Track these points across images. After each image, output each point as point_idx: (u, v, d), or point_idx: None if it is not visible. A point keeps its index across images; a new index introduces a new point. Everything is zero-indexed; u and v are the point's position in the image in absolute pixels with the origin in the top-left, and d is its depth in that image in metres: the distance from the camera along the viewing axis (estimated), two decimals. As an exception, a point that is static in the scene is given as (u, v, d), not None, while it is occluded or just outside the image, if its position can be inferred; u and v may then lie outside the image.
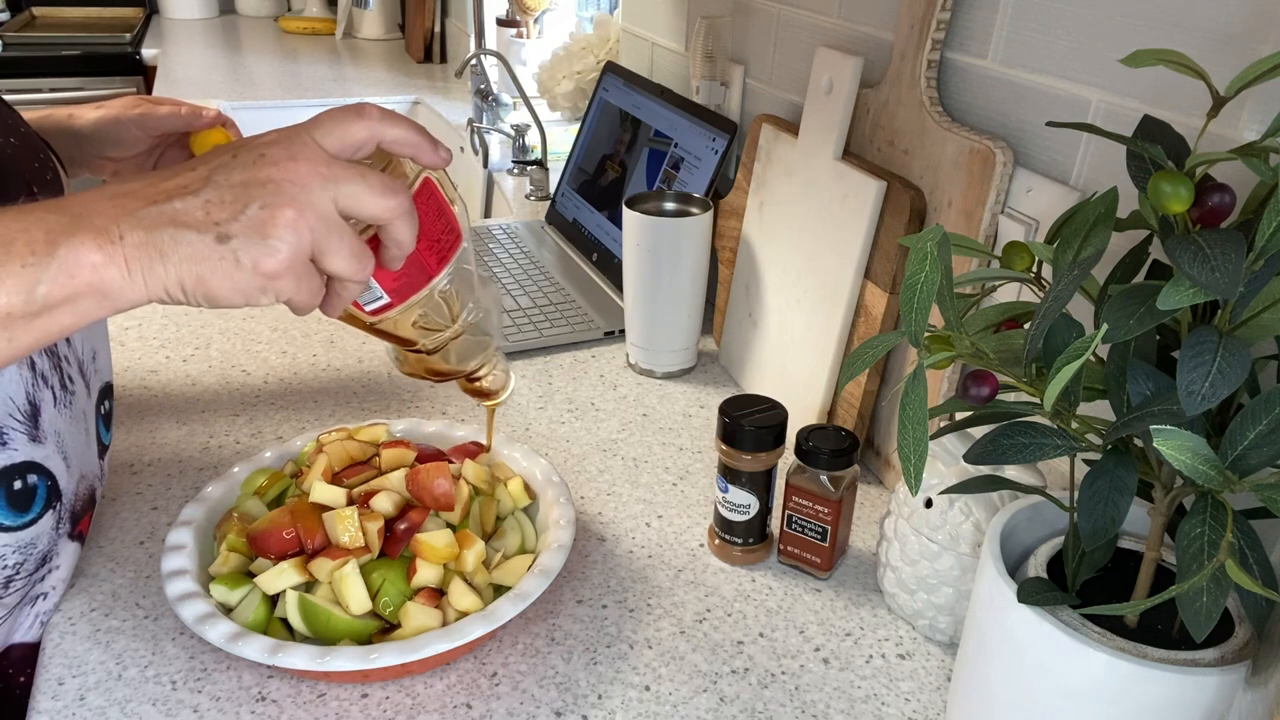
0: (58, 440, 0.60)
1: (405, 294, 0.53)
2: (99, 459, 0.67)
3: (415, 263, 0.52)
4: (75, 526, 0.63)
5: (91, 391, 0.65)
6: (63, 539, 0.62)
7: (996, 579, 0.47)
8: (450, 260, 0.55)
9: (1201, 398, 0.37)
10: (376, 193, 0.46)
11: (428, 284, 0.54)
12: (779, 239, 0.87)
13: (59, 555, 0.62)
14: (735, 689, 0.60)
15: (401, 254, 0.49)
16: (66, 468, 0.61)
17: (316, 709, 0.57)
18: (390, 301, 0.53)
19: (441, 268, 0.54)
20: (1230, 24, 0.51)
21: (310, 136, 0.46)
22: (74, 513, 0.63)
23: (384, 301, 0.53)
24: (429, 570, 0.59)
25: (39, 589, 0.61)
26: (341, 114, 0.47)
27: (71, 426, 0.61)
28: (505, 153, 1.69)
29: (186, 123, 0.77)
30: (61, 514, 0.61)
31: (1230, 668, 0.43)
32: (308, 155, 0.45)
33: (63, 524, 0.61)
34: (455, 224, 0.55)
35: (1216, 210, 0.40)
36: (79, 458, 0.63)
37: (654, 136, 1.13)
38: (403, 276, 0.52)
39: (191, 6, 3.01)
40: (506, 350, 0.99)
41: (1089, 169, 0.62)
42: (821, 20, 0.88)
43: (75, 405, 0.62)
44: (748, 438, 0.66)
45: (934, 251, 0.43)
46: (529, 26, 1.90)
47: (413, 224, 0.48)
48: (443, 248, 0.54)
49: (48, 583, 0.62)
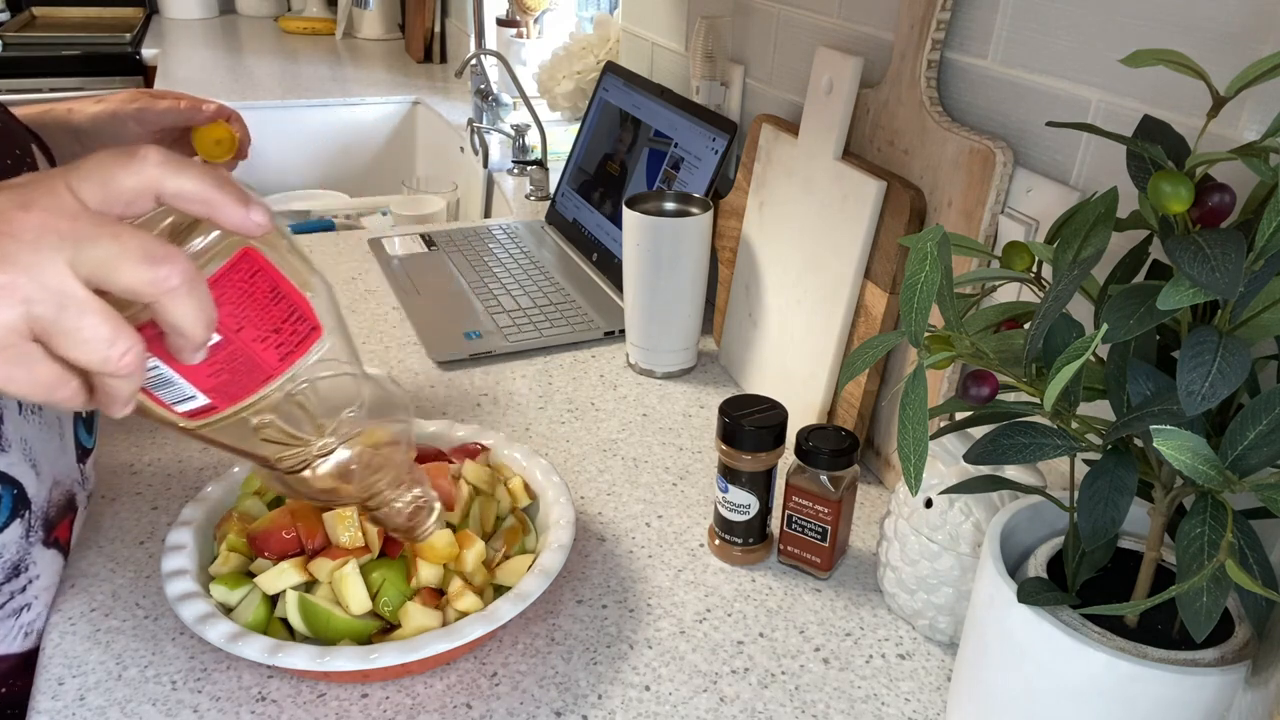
0: (24, 448, 0.58)
1: (232, 396, 0.43)
2: (78, 463, 0.66)
3: (242, 357, 0.42)
4: (50, 533, 0.62)
5: None
6: (35, 547, 0.60)
7: (996, 579, 0.47)
8: (300, 356, 0.44)
9: (1201, 398, 0.37)
10: (135, 259, 0.36)
11: (264, 385, 0.43)
12: (779, 239, 0.87)
13: (35, 564, 0.61)
14: (735, 689, 0.60)
15: (189, 345, 0.38)
16: (36, 475, 0.59)
17: (316, 709, 0.57)
18: (211, 404, 0.43)
19: (286, 366, 0.43)
20: (1230, 24, 0.51)
21: (65, 183, 0.37)
22: (47, 520, 0.61)
23: (201, 403, 0.42)
24: (429, 570, 0.59)
25: (20, 600, 0.60)
26: (109, 157, 0.38)
27: (41, 433, 0.60)
28: (505, 153, 1.69)
29: (186, 117, 0.76)
30: (32, 522, 0.60)
31: (1230, 668, 0.43)
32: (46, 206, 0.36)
33: (34, 532, 0.60)
34: (306, 310, 0.44)
35: (1216, 210, 0.40)
36: (51, 464, 0.61)
37: (654, 136, 1.13)
38: (223, 374, 0.42)
39: (191, 6, 3.01)
40: (507, 351, 0.99)
41: (1089, 169, 0.62)
42: (821, 20, 0.88)
43: (46, 411, 0.61)
44: (748, 438, 0.66)
45: (934, 251, 0.43)
46: (529, 26, 1.90)
47: (196, 305, 0.37)
48: (286, 340, 0.43)
49: (29, 593, 0.61)
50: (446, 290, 1.12)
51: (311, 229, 1.75)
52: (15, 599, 0.60)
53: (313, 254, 1.22)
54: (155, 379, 0.41)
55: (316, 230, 1.64)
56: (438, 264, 1.19)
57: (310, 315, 0.44)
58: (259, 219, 0.40)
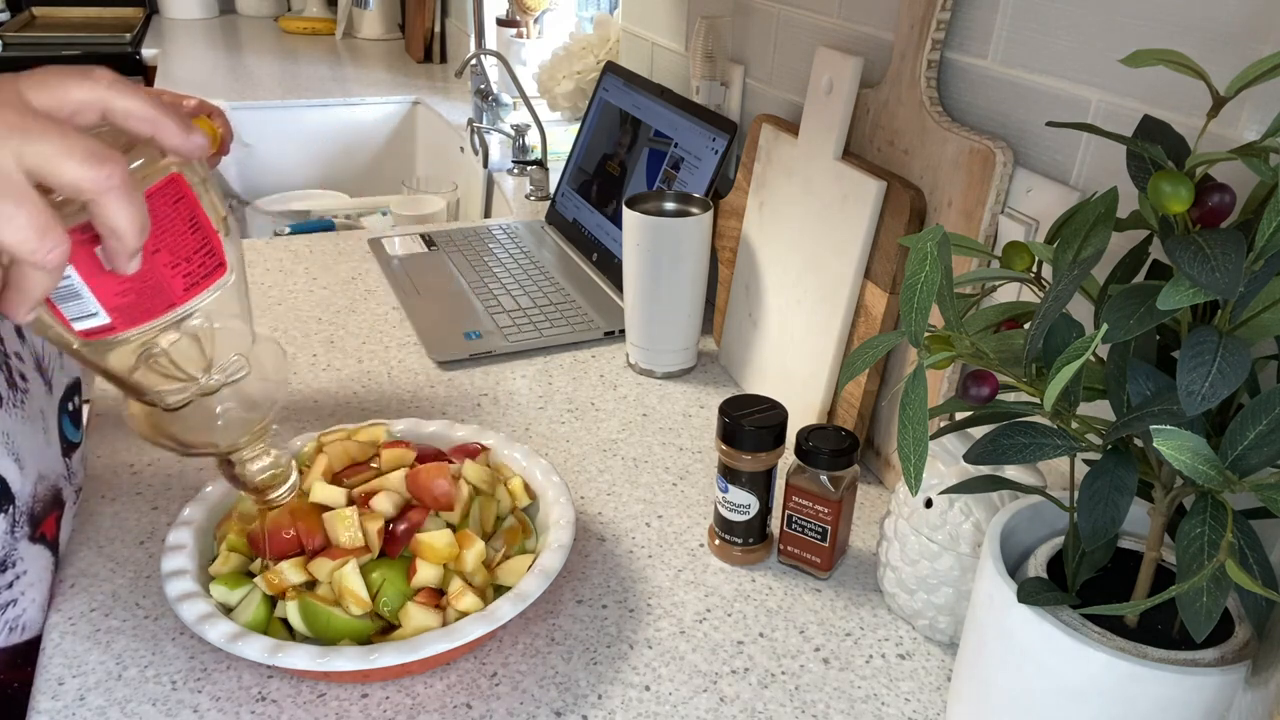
0: (7, 441, 0.58)
1: (133, 318, 0.43)
2: (64, 457, 0.65)
3: (151, 280, 0.43)
4: (37, 529, 0.62)
5: (54, 389, 0.64)
6: (21, 542, 0.60)
7: (996, 579, 0.47)
8: (204, 289, 0.45)
9: (1201, 398, 0.37)
10: (78, 157, 0.37)
11: (166, 312, 0.44)
12: (779, 239, 0.87)
13: (22, 560, 0.61)
14: (735, 689, 0.60)
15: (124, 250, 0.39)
16: (19, 469, 0.59)
17: (316, 709, 0.57)
18: (110, 323, 0.43)
19: (190, 296, 0.44)
20: (1230, 24, 0.51)
21: (16, 86, 0.38)
22: (33, 515, 0.61)
23: (100, 322, 0.42)
24: (429, 570, 0.59)
25: (6, 596, 0.60)
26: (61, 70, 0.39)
27: (24, 426, 0.60)
28: (505, 153, 1.69)
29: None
30: (16, 517, 0.60)
31: (1230, 668, 0.43)
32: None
33: (19, 527, 0.60)
34: (217, 248, 0.45)
35: (1216, 210, 0.40)
36: (36, 458, 0.61)
37: (654, 136, 1.13)
38: (130, 294, 0.42)
39: (191, 6, 3.01)
40: (506, 351, 0.99)
41: (1089, 169, 0.62)
42: (821, 20, 0.88)
43: (30, 404, 0.61)
44: (748, 438, 0.66)
45: (934, 251, 0.43)
46: (529, 26, 1.90)
47: (134, 208, 0.39)
48: (194, 271, 0.44)
49: (15, 589, 0.60)
50: (446, 290, 1.12)
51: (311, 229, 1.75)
52: (1, 595, 0.60)
53: (313, 254, 1.22)
54: (64, 290, 0.41)
55: (316, 230, 1.65)
56: (438, 264, 1.19)
57: (219, 251, 0.45)
58: (199, 141, 0.42)
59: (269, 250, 1.23)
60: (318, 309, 1.07)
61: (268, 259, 1.20)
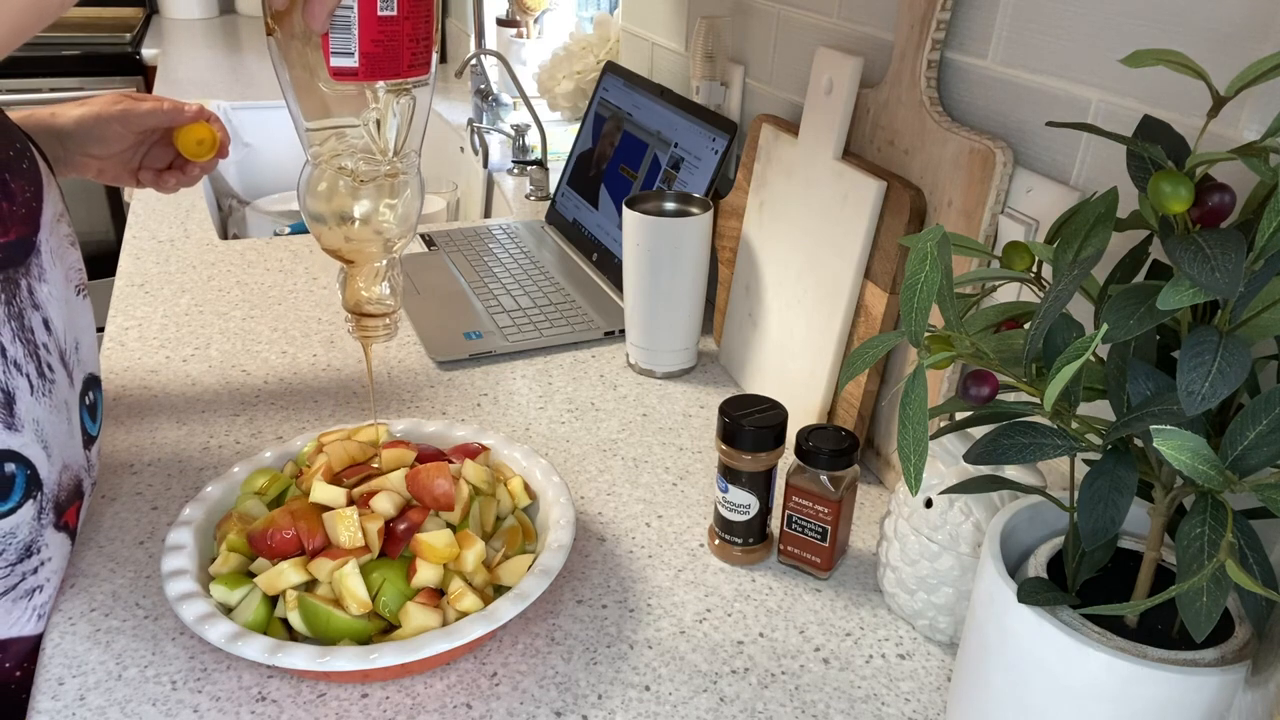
0: (36, 429, 0.59)
1: (372, 70, 0.53)
2: (85, 449, 0.66)
3: (394, 42, 0.52)
4: (60, 517, 0.63)
5: (75, 382, 0.65)
6: (47, 529, 0.62)
7: (996, 579, 0.47)
8: (420, 73, 0.55)
9: (1201, 398, 0.37)
10: None
11: (394, 77, 0.54)
12: (779, 239, 0.87)
13: (47, 547, 0.62)
14: (735, 689, 0.60)
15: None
16: (47, 457, 0.60)
17: (316, 709, 0.57)
18: (356, 68, 0.52)
19: (410, 74, 0.54)
20: (1230, 24, 0.51)
21: None
22: (58, 503, 0.62)
23: (350, 64, 0.52)
24: (429, 570, 0.59)
25: (33, 581, 0.61)
26: None
27: (52, 415, 0.61)
28: (505, 153, 1.69)
29: (169, 118, 0.78)
30: (44, 504, 0.61)
31: (1230, 668, 0.43)
32: None
33: (45, 514, 0.61)
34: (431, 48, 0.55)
35: (1216, 210, 0.40)
36: (61, 447, 0.62)
37: (654, 137, 1.13)
38: (379, 47, 0.52)
39: (191, 6, 3.01)
40: (507, 351, 0.99)
41: (1089, 169, 0.62)
42: (821, 20, 0.88)
43: (56, 394, 0.62)
44: (748, 438, 0.66)
45: (934, 251, 0.43)
46: (529, 26, 1.90)
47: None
48: (419, 54, 0.54)
49: (41, 575, 0.62)
50: (446, 290, 1.12)
51: (311, 229, 1.75)
52: (28, 580, 0.61)
53: (313, 254, 1.22)
54: (341, 20, 0.51)
55: (316, 230, 1.64)
56: (438, 264, 1.19)
57: (430, 53, 0.55)
58: None
59: (269, 250, 1.22)
60: (318, 309, 1.07)
61: (268, 259, 1.20)
